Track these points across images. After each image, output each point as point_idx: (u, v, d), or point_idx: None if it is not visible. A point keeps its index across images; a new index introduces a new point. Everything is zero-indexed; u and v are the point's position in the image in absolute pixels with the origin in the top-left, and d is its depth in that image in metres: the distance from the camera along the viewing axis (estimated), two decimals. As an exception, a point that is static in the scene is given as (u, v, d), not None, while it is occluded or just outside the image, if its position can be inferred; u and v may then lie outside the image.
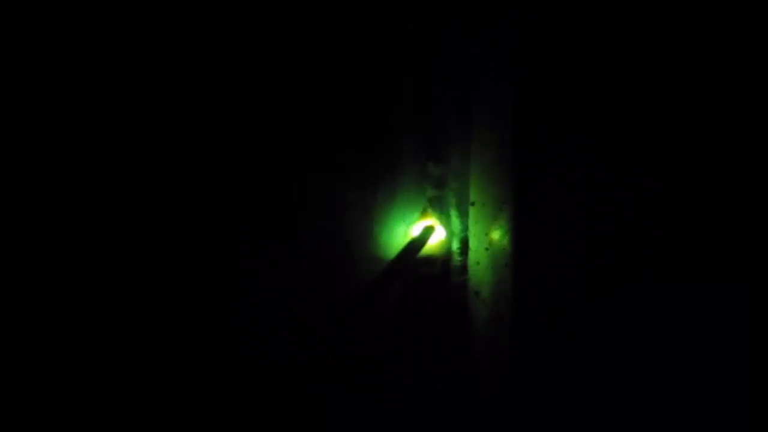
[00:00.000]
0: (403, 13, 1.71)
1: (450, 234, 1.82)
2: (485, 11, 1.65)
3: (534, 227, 1.53)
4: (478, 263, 1.72)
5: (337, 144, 1.70)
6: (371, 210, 1.75)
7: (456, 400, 1.72)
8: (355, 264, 1.73)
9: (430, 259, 1.81)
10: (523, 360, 1.52)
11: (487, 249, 1.67)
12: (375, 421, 1.72)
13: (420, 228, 1.80)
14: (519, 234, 1.54)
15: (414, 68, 1.75)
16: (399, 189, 1.78)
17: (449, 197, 1.81)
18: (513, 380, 1.53)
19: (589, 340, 1.50)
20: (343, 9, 1.66)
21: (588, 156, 1.51)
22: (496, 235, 1.63)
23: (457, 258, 1.81)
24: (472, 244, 1.75)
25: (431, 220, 1.82)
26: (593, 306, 1.50)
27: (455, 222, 1.81)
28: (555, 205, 1.52)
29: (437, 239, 1.82)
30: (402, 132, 1.77)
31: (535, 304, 1.52)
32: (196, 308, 1.60)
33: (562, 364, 1.50)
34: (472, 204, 1.73)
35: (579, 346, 1.50)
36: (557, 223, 1.53)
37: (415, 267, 1.79)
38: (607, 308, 1.50)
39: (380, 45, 1.71)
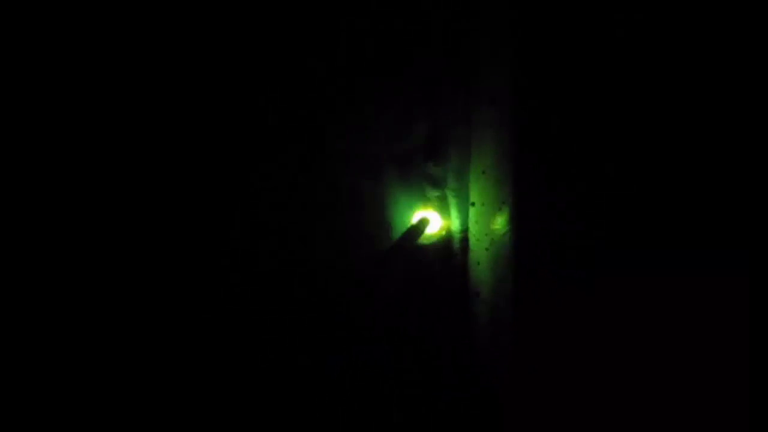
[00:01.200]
0: (405, 15, 1.71)
1: (450, 233, 1.82)
2: (486, 12, 1.65)
3: (534, 227, 1.53)
4: (478, 263, 1.72)
5: (340, 143, 1.73)
6: (371, 203, 1.77)
7: (455, 399, 1.72)
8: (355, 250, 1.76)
9: (429, 255, 1.81)
10: (523, 360, 1.52)
11: (487, 249, 1.67)
12: (373, 419, 1.72)
13: (418, 217, 1.81)
14: (519, 234, 1.54)
15: (415, 69, 1.75)
16: (399, 185, 1.80)
17: (449, 197, 1.81)
18: (513, 380, 1.53)
19: (589, 339, 1.49)
20: (345, 12, 1.68)
21: (588, 155, 1.51)
22: (496, 235, 1.63)
23: (457, 258, 1.81)
24: (472, 244, 1.75)
25: (429, 211, 1.82)
26: (594, 305, 1.50)
27: (455, 222, 1.81)
28: (555, 205, 1.53)
29: (435, 228, 1.82)
30: (403, 131, 1.78)
31: (535, 303, 1.52)
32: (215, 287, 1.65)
33: (562, 363, 1.50)
34: (472, 204, 1.73)
35: (579, 346, 1.50)
36: (557, 222, 1.53)
37: (413, 253, 1.80)
38: (609, 308, 1.50)
39: (382, 47, 1.72)
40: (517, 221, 1.54)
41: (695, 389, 1.45)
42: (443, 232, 1.82)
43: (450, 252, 1.82)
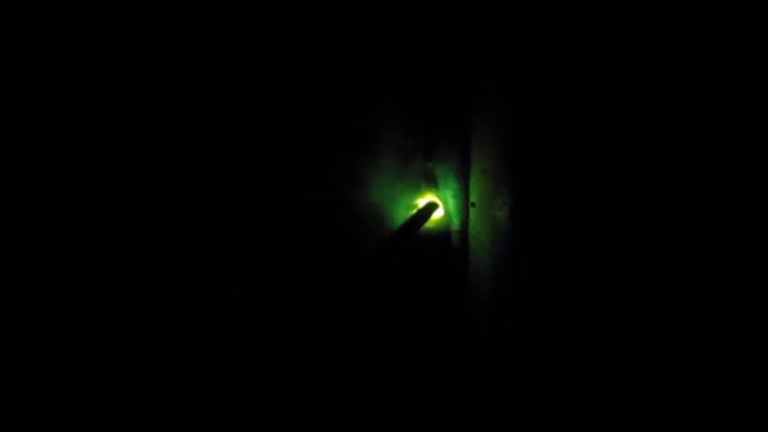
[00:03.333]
0: (404, 15, 1.72)
1: (450, 233, 1.83)
2: (486, 13, 1.65)
3: (534, 227, 1.53)
4: (478, 264, 1.72)
5: (343, 144, 1.74)
6: (371, 201, 1.78)
7: (454, 399, 1.72)
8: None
9: (429, 254, 1.82)
10: (523, 360, 1.51)
11: (487, 249, 1.67)
12: (373, 419, 1.72)
13: (422, 203, 1.81)
14: (519, 234, 1.54)
15: (416, 69, 1.76)
16: (400, 184, 1.80)
17: (449, 197, 1.81)
18: (512, 381, 1.53)
19: (589, 340, 1.49)
20: (345, 12, 1.68)
21: (588, 155, 1.51)
22: (496, 235, 1.63)
23: (457, 258, 1.81)
24: (473, 244, 1.75)
25: (433, 197, 1.83)
26: (594, 305, 1.50)
27: (455, 222, 1.81)
28: (555, 205, 1.52)
29: (440, 213, 1.82)
30: (405, 131, 1.78)
31: (534, 304, 1.52)
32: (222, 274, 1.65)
33: (562, 363, 1.50)
34: (473, 204, 1.73)
35: (579, 346, 1.49)
36: (557, 223, 1.53)
37: (415, 245, 1.80)
38: (609, 308, 1.50)
39: (384, 48, 1.72)
40: (517, 221, 1.54)
41: (695, 389, 1.45)
42: (443, 227, 1.82)
43: (450, 252, 1.83)
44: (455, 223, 1.81)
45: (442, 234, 1.82)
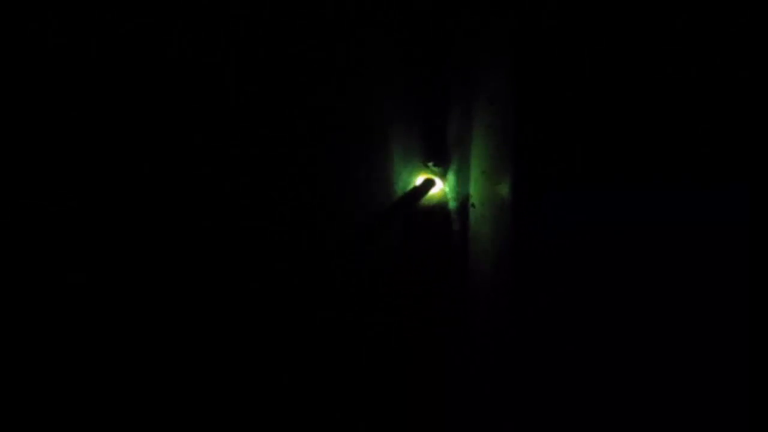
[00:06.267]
0: (405, 16, 1.74)
1: (451, 234, 1.83)
2: (485, 12, 1.67)
3: (535, 228, 1.54)
4: (478, 265, 1.72)
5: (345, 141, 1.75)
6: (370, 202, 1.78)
7: (454, 398, 1.72)
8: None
9: (430, 254, 1.82)
10: (523, 361, 1.51)
11: (487, 251, 1.67)
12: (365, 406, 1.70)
13: (420, 180, 1.82)
14: (520, 235, 1.54)
15: (414, 69, 1.77)
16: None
17: (449, 197, 1.82)
18: (512, 379, 1.53)
19: (591, 338, 1.49)
20: (344, 16, 1.70)
21: (589, 155, 1.52)
22: (496, 237, 1.63)
23: (457, 261, 1.81)
24: (473, 245, 1.75)
25: (433, 176, 1.83)
26: (594, 307, 1.50)
27: (455, 223, 1.82)
28: (556, 206, 1.53)
29: (438, 188, 1.82)
30: (404, 131, 1.79)
31: (536, 307, 1.52)
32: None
33: (564, 366, 1.50)
34: (473, 206, 1.74)
35: (579, 347, 1.49)
36: (558, 223, 1.53)
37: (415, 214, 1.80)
38: (609, 313, 1.50)
39: (381, 49, 1.74)
40: (518, 222, 1.55)
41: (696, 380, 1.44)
42: (444, 196, 1.81)
43: (451, 255, 1.83)
44: (456, 224, 1.82)
45: (443, 235, 1.83)
